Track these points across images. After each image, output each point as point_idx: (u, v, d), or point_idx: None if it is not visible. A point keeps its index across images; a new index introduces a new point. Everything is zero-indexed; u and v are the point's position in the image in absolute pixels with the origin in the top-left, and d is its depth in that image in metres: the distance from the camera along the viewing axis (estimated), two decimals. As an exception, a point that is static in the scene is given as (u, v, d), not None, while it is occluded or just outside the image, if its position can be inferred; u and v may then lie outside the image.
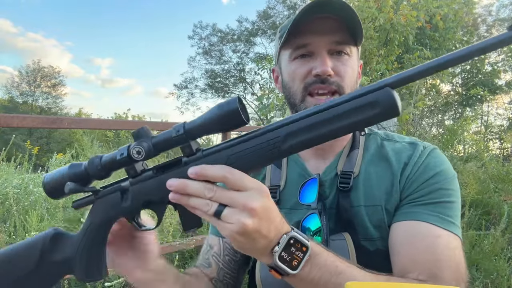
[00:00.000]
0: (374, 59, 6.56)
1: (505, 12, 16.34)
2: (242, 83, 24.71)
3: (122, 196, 0.61)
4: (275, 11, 23.09)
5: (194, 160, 0.58)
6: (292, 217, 0.87)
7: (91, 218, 0.63)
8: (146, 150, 0.57)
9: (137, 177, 0.61)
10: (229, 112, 0.54)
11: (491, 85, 11.16)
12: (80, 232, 0.65)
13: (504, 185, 3.47)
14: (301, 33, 0.82)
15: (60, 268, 0.65)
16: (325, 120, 0.53)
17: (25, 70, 27.60)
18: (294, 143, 0.54)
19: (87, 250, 0.63)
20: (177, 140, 0.56)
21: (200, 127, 0.56)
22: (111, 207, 0.62)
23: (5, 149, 2.96)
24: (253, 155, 0.56)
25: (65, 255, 0.64)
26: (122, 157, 0.58)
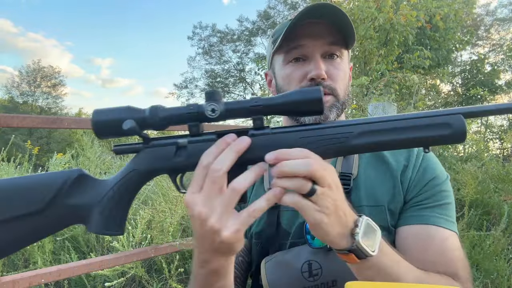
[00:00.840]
0: (374, 59, 6.56)
1: (503, 12, 16.36)
2: (242, 83, 24.72)
3: (177, 151, 0.59)
4: (276, 11, 23.11)
5: (261, 134, 0.58)
6: (296, 219, 0.87)
7: (134, 165, 0.59)
8: (221, 110, 0.56)
9: (198, 136, 0.59)
10: (312, 100, 0.55)
11: (491, 85, 11.15)
12: (114, 178, 0.60)
13: (504, 185, 3.47)
14: (295, 37, 0.83)
15: (73, 214, 0.59)
16: (400, 128, 0.56)
17: (25, 70, 27.62)
18: (364, 143, 0.56)
19: (116, 199, 0.59)
20: (253, 110, 0.57)
21: (278, 106, 0.57)
22: (162, 159, 0.59)
23: (5, 149, 2.96)
24: (322, 143, 0.57)
25: (83, 201, 0.59)
26: (191, 112, 0.56)
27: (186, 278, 2.93)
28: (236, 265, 0.89)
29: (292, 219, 0.87)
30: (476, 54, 12.93)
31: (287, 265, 0.81)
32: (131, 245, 2.49)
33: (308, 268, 0.79)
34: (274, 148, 0.56)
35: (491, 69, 11.75)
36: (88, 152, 3.75)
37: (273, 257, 0.84)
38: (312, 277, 0.79)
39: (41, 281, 1.81)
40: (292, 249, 0.84)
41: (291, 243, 0.87)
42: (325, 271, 0.79)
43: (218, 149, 0.56)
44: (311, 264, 0.80)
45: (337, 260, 0.77)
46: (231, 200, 0.54)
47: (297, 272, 0.80)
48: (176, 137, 0.61)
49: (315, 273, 0.79)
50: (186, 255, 3.04)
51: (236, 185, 0.54)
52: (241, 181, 0.55)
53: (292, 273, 0.80)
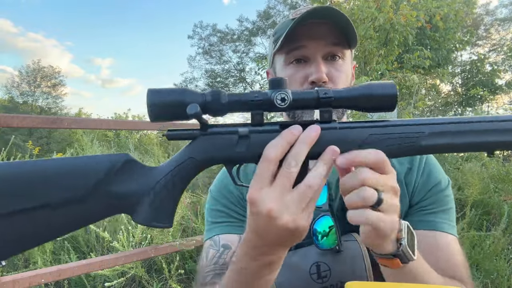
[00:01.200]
0: (374, 59, 6.56)
1: (503, 12, 16.36)
2: (242, 83, 24.72)
3: (238, 140, 0.55)
4: (275, 11, 23.11)
5: (329, 128, 0.54)
6: None
7: (190, 153, 0.55)
8: (291, 99, 0.52)
9: (260, 126, 0.55)
10: (385, 95, 0.53)
11: (491, 85, 11.15)
12: (166, 166, 0.55)
13: (504, 185, 3.47)
14: (296, 37, 0.82)
15: (118, 203, 0.53)
16: (475, 130, 0.53)
17: (25, 70, 27.61)
18: (435, 144, 0.54)
19: (169, 188, 0.54)
20: (322, 102, 0.54)
21: (349, 99, 0.54)
22: (221, 148, 0.55)
23: (5, 149, 2.96)
24: (392, 141, 0.54)
25: (131, 189, 0.53)
26: (258, 99, 0.53)
27: (186, 278, 2.93)
28: None
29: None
30: (476, 54, 12.92)
31: (295, 267, 0.80)
32: (131, 245, 2.49)
33: (317, 270, 0.78)
34: (341, 144, 0.53)
35: (491, 69, 11.74)
36: (88, 152, 3.75)
37: None
38: (321, 279, 0.78)
39: (41, 281, 1.81)
40: (298, 250, 0.83)
41: (296, 244, 0.86)
42: (334, 273, 0.78)
43: (285, 142, 0.52)
44: (319, 266, 0.78)
45: (345, 262, 0.78)
46: (305, 197, 0.51)
47: (306, 274, 0.78)
48: (236, 125, 0.56)
49: (324, 275, 0.78)
50: (186, 255, 3.04)
51: (312, 181, 0.51)
52: (317, 176, 0.51)
53: (301, 275, 0.79)
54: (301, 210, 0.51)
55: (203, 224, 0.95)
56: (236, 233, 0.87)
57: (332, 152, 0.53)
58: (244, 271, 0.61)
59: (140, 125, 3.88)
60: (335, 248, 0.78)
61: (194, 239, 2.60)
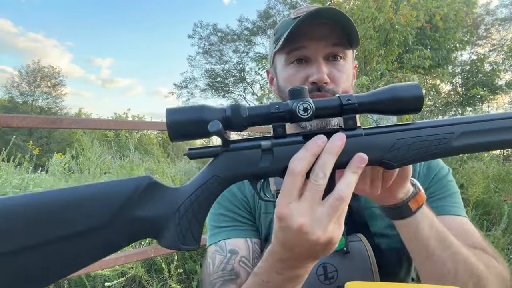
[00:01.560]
0: (374, 59, 6.56)
1: (503, 12, 16.35)
2: (242, 83, 24.71)
3: (262, 155, 0.53)
4: (275, 11, 23.11)
5: (354, 136, 0.53)
6: None
7: (213, 171, 0.53)
8: (314, 109, 0.50)
9: (283, 138, 0.54)
10: (411, 97, 0.51)
11: (491, 85, 11.15)
12: (190, 185, 0.53)
13: (504, 185, 3.47)
14: (297, 38, 0.82)
15: (143, 227, 0.51)
16: (505, 128, 0.52)
17: (25, 70, 27.61)
18: (466, 144, 0.52)
19: (195, 209, 0.52)
20: (346, 109, 0.52)
21: (374, 104, 0.52)
22: (245, 164, 0.53)
23: (5, 149, 2.96)
24: (420, 144, 0.53)
25: (155, 212, 0.51)
26: (280, 111, 0.51)
27: (186, 278, 2.93)
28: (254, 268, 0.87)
29: None
30: (476, 54, 12.91)
31: None
32: (131, 245, 2.49)
33: (324, 271, 0.77)
34: (368, 151, 0.52)
35: (491, 69, 11.74)
36: (88, 152, 3.74)
37: None
38: (328, 280, 0.77)
39: (41, 281, 1.81)
40: None
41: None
42: (340, 274, 0.77)
43: (310, 153, 0.50)
44: (326, 267, 0.78)
45: (352, 263, 0.77)
46: (337, 210, 0.49)
47: (312, 275, 0.77)
48: (259, 139, 0.55)
49: (331, 276, 0.77)
50: (185, 255, 3.04)
51: (343, 193, 0.49)
52: (346, 187, 0.50)
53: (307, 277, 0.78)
54: (333, 223, 0.50)
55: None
56: (242, 237, 0.85)
57: (360, 160, 0.51)
58: (266, 284, 0.59)
59: (140, 125, 3.87)
60: (343, 249, 0.77)
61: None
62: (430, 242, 0.67)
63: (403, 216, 0.66)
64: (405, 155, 0.53)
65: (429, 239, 0.67)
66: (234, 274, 0.79)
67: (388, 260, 0.83)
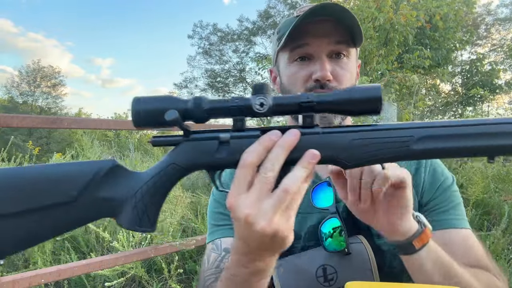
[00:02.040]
0: (374, 59, 6.56)
1: (503, 12, 16.34)
2: (242, 83, 24.71)
3: (220, 146, 0.55)
4: (276, 11, 23.11)
5: (310, 133, 0.54)
6: (306, 221, 0.86)
7: (173, 158, 0.56)
8: (270, 104, 0.52)
9: (241, 132, 0.55)
10: (369, 99, 0.51)
11: (491, 85, 11.15)
12: (150, 171, 0.56)
13: (504, 185, 3.47)
14: (300, 35, 0.81)
15: (104, 207, 0.55)
16: (470, 134, 0.51)
17: (25, 70, 27.60)
18: (425, 149, 0.52)
19: (151, 193, 0.55)
20: (304, 107, 0.53)
21: (332, 104, 0.53)
22: (202, 154, 0.55)
23: (5, 149, 2.96)
24: (377, 146, 0.53)
25: (116, 194, 0.55)
26: (237, 105, 0.53)
27: (186, 278, 2.93)
28: None
29: (302, 222, 0.86)
30: (475, 53, 12.91)
31: (301, 270, 0.79)
32: (131, 245, 2.49)
33: (323, 273, 0.77)
34: (322, 149, 0.52)
35: (491, 69, 11.73)
36: (88, 152, 3.75)
37: (285, 261, 0.82)
38: (328, 282, 0.77)
39: (41, 281, 1.81)
40: (305, 252, 0.83)
41: (302, 246, 0.85)
42: (340, 276, 0.77)
43: (262, 147, 0.51)
44: (325, 269, 0.78)
45: (352, 264, 0.77)
46: (282, 202, 0.50)
47: (312, 277, 0.78)
48: (218, 131, 0.56)
49: (330, 278, 0.77)
50: (185, 255, 3.04)
51: (289, 186, 0.50)
52: (293, 181, 0.50)
53: (307, 278, 0.78)
54: (278, 215, 0.50)
55: (203, 224, 0.96)
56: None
57: (312, 156, 0.51)
58: (234, 278, 0.61)
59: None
60: (344, 251, 0.77)
61: (194, 239, 2.60)
62: (434, 276, 0.67)
63: (406, 253, 0.67)
64: (360, 156, 0.53)
65: (433, 274, 0.67)
66: None
67: (390, 261, 0.83)
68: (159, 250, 2.42)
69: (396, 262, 0.83)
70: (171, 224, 2.67)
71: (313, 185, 0.88)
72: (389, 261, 0.83)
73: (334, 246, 0.78)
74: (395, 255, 0.83)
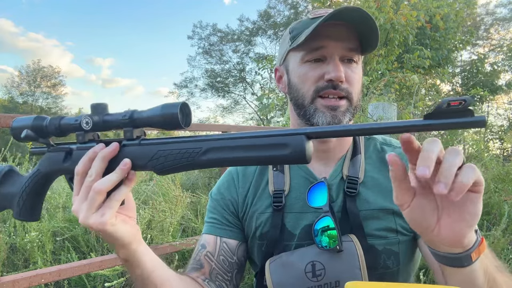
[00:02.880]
0: (374, 59, 6.56)
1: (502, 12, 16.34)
2: (242, 83, 24.72)
3: (66, 156, 0.68)
4: (276, 11, 23.11)
5: (130, 145, 0.63)
6: (301, 221, 0.88)
7: (39, 166, 0.70)
8: (93, 122, 0.64)
9: (83, 144, 0.67)
10: (170, 114, 0.58)
11: (491, 85, 11.16)
12: (28, 174, 0.71)
13: (504, 185, 3.47)
14: (317, 37, 0.82)
15: (3, 200, 0.72)
16: (243, 146, 0.57)
17: (25, 70, 27.60)
18: (211, 159, 0.58)
19: (27, 193, 0.70)
20: (122, 123, 0.63)
21: (145, 120, 0.61)
22: (55, 162, 0.68)
23: (5, 149, 2.96)
24: (174, 157, 0.60)
25: (10, 191, 0.71)
26: (75, 123, 0.65)
27: (186, 278, 2.93)
28: (217, 263, 0.91)
29: (297, 221, 0.88)
30: (476, 53, 12.91)
31: (292, 266, 0.82)
32: (131, 245, 2.49)
33: (312, 269, 0.80)
34: (140, 158, 0.62)
35: (491, 69, 11.75)
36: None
37: (278, 257, 0.85)
38: (316, 277, 0.79)
39: (41, 281, 1.81)
40: (298, 250, 0.85)
41: (296, 245, 0.87)
42: (328, 272, 0.79)
43: (87, 158, 0.62)
44: (314, 265, 0.80)
45: (341, 261, 0.79)
46: (94, 199, 0.60)
47: (301, 272, 0.80)
48: (71, 143, 0.69)
49: (318, 274, 0.79)
50: (186, 255, 3.04)
51: (97, 185, 0.60)
52: (104, 182, 0.60)
53: (296, 273, 0.80)
54: (91, 211, 0.60)
55: (203, 224, 0.99)
56: (214, 235, 0.94)
57: (123, 164, 0.61)
58: (126, 263, 0.72)
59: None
60: (336, 248, 0.79)
61: (194, 239, 2.60)
62: (483, 287, 0.61)
63: (461, 265, 0.58)
64: (163, 164, 0.61)
65: (483, 285, 0.61)
66: (199, 264, 0.91)
67: (384, 261, 0.83)
68: (159, 250, 2.42)
69: (390, 262, 0.84)
70: (171, 224, 2.68)
71: (308, 185, 0.89)
72: (383, 261, 0.83)
73: (327, 244, 0.80)
74: (390, 254, 0.83)
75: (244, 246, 0.96)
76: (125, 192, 0.63)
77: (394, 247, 0.84)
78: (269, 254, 0.88)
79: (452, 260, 0.58)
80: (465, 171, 0.48)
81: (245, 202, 0.95)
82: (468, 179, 0.48)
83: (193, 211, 3.29)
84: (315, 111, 0.84)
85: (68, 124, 0.65)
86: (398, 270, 0.85)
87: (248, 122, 24.33)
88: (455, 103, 0.45)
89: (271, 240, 0.88)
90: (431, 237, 0.57)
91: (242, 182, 0.97)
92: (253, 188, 0.95)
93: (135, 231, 0.68)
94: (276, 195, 0.90)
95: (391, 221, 0.84)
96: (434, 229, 0.55)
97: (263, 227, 0.90)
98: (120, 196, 0.62)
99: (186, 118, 0.60)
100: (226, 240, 0.93)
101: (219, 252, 0.92)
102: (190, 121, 0.61)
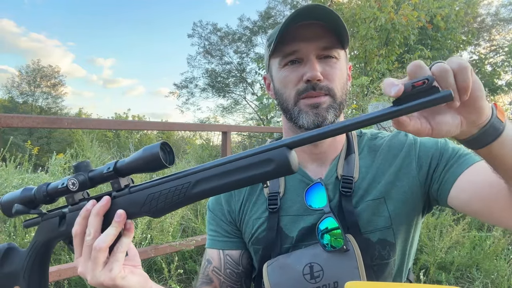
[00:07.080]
0: (375, 59, 6.57)
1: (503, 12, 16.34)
2: (242, 83, 24.73)
3: (61, 221, 0.67)
4: (276, 11, 23.13)
5: (121, 195, 0.63)
6: (301, 223, 0.87)
7: (36, 237, 0.69)
8: (80, 182, 0.63)
9: (75, 205, 0.67)
10: (151, 155, 0.58)
11: (491, 85, 11.15)
12: (27, 248, 0.70)
13: (505, 185, 3.47)
14: (289, 40, 0.83)
15: (9, 280, 0.71)
16: (230, 171, 0.57)
17: (25, 70, 27.62)
18: (203, 189, 0.58)
19: (30, 265, 0.69)
20: (107, 176, 0.62)
21: (128, 166, 0.61)
22: (51, 229, 0.68)
23: (5, 149, 2.96)
24: (165, 197, 0.60)
25: (13, 269, 0.70)
26: (62, 187, 0.64)
27: (186, 278, 2.93)
28: (225, 276, 0.92)
29: (293, 224, 0.88)
30: (477, 54, 12.91)
31: (289, 268, 0.82)
32: (131, 245, 2.49)
33: (310, 270, 0.80)
34: (133, 205, 0.62)
35: (492, 69, 11.74)
36: (88, 152, 3.75)
37: (275, 260, 0.85)
38: (314, 279, 0.79)
39: (40, 281, 1.81)
40: (294, 252, 0.85)
41: (293, 247, 0.87)
42: (326, 273, 0.79)
43: (82, 218, 0.62)
44: (312, 267, 0.80)
45: (339, 262, 0.79)
46: (97, 258, 0.60)
47: (299, 274, 0.80)
48: (62, 207, 0.68)
49: (317, 275, 0.79)
50: (185, 255, 3.04)
51: (98, 243, 0.60)
52: (103, 238, 0.60)
53: (294, 276, 0.80)
54: (98, 269, 0.60)
55: (203, 224, 0.99)
56: (217, 249, 0.95)
57: (119, 215, 0.61)
58: None
59: (140, 125, 3.88)
60: (343, 248, 0.79)
61: (194, 239, 2.60)
62: None
63: (498, 131, 0.56)
64: (156, 207, 0.60)
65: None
66: (209, 279, 0.93)
67: (379, 251, 0.84)
68: (159, 250, 2.42)
69: (385, 252, 0.84)
70: (171, 224, 2.68)
71: (304, 186, 0.89)
72: (378, 251, 0.84)
73: (333, 244, 0.80)
74: (385, 245, 0.84)
75: (247, 252, 0.96)
76: (127, 243, 0.63)
77: (389, 237, 0.84)
78: (266, 257, 0.88)
79: (488, 131, 0.56)
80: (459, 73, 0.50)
81: (241, 209, 0.95)
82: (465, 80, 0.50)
83: (193, 211, 3.30)
84: (299, 112, 0.84)
85: (55, 189, 0.65)
86: (394, 261, 0.86)
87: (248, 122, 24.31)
88: (419, 83, 0.46)
89: (268, 242, 0.88)
90: (464, 127, 0.55)
91: (238, 190, 0.97)
92: (248, 194, 0.95)
93: (145, 279, 0.67)
94: (271, 197, 0.90)
95: (384, 209, 0.84)
96: (462, 123, 0.54)
97: (260, 233, 0.90)
98: (123, 247, 0.62)
99: (169, 156, 0.60)
100: (229, 253, 0.94)
101: (224, 266, 0.93)
102: (173, 158, 0.60)
